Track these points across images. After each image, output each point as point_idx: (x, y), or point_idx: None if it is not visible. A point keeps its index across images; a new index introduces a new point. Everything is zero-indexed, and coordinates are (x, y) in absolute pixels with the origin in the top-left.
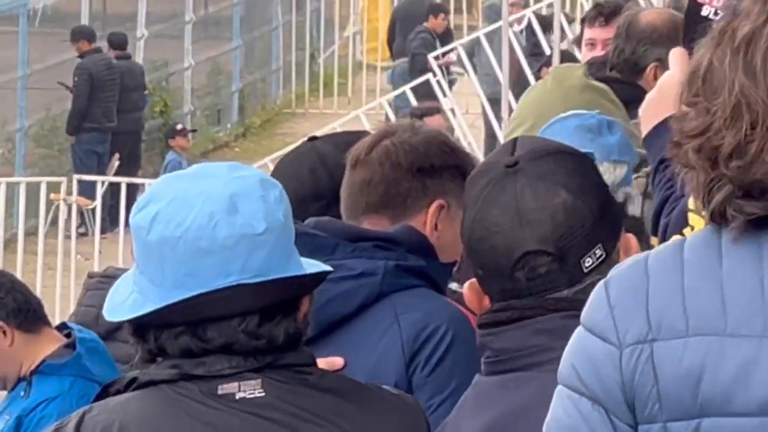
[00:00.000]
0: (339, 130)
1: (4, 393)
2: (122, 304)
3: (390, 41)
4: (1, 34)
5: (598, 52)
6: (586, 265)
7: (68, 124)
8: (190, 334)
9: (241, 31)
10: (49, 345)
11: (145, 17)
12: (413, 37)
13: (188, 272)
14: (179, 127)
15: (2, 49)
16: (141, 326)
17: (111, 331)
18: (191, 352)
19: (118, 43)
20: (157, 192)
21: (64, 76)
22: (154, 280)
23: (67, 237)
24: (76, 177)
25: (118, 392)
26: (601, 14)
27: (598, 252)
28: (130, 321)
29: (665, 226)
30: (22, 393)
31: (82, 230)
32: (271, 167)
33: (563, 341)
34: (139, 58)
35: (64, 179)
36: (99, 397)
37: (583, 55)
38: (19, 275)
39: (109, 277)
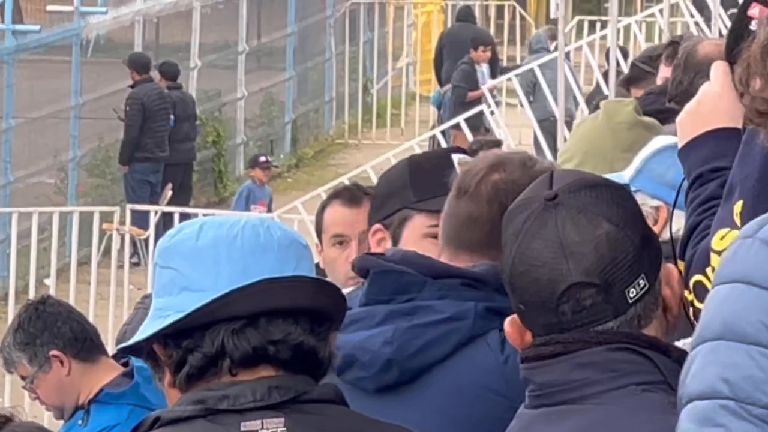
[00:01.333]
0: (393, 161)
1: (61, 422)
2: (156, 324)
3: (437, 66)
4: (54, 64)
5: None
6: (631, 295)
7: (121, 154)
8: (253, 328)
9: (295, 62)
10: (106, 374)
11: (198, 47)
12: (456, 68)
13: (245, 269)
14: (262, 159)
15: (55, 79)
16: (189, 331)
17: None
18: (256, 351)
19: (171, 73)
20: (186, 223)
21: (116, 106)
22: (204, 286)
23: (120, 267)
24: (129, 207)
25: None
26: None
27: (642, 282)
28: (170, 330)
29: (690, 258)
30: (79, 422)
31: (134, 260)
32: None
33: (608, 374)
34: (192, 88)
35: (117, 209)
36: None
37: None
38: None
39: (147, 297)
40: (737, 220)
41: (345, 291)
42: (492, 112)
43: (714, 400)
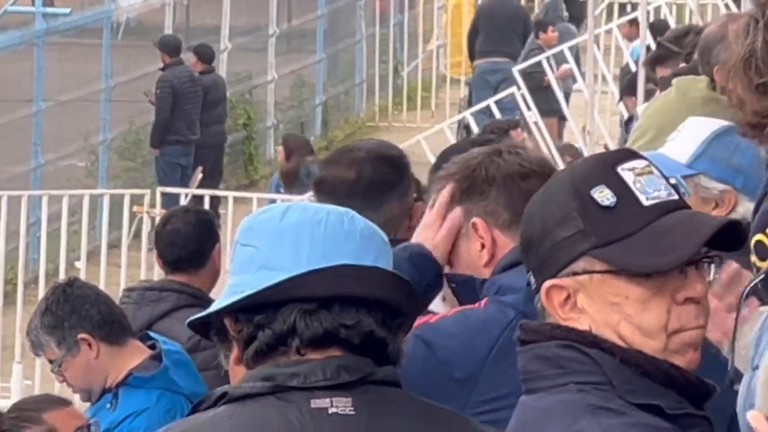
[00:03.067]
0: (423, 143)
1: (87, 405)
2: (230, 299)
3: (471, 39)
4: (85, 47)
5: None
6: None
7: (152, 136)
8: (329, 313)
9: (325, 44)
10: (134, 357)
11: (228, 30)
12: (525, 56)
13: (326, 253)
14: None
15: (85, 62)
16: (262, 307)
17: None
18: (327, 333)
19: (207, 55)
20: (274, 204)
21: (147, 88)
22: (283, 266)
23: (150, 249)
24: (159, 189)
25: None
26: None
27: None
28: (244, 304)
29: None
30: (107, 405)
31: None
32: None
33: (555, 370)
34: (222, 70)
35: (147, 191)
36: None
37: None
38: (102, 288)
39: (131, 290)
40: None
41: None
42: (522, 95)
43: None
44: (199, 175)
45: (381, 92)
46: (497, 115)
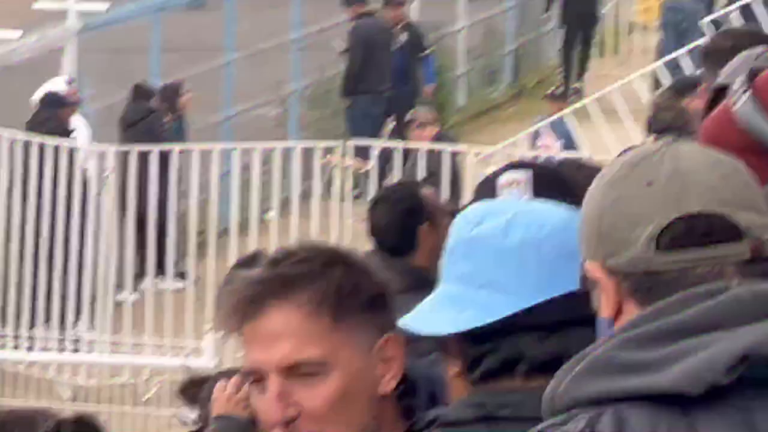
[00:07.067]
0: (614, 92)
1: None
2: (456, 319)
3: None
4: None
5: None
6: None
7: (343, 86)
8: (557, 337)
9: None
10: None
11: None
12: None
13: (552, 274)
14: (550, 90)
15: (276, 11)
16: (482, 336)
17: None
18: (553, 360)
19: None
20: (491, 209)
21: (337, 39)
22: (506, 288)
23: (342, 200)
24: (350, 142)
25: None
26: None
27: None
28: (471, 332)
29: None
30: None
31: (356, 193)
32: (545, 129)
33: None
34: (413, 19)
35: (339, 143)
36: None
37: None
38: (293, 239)
39: None
40: None
41: None
42: None
43: None
44: (391, 126)
45: None
46: (686, 69)
